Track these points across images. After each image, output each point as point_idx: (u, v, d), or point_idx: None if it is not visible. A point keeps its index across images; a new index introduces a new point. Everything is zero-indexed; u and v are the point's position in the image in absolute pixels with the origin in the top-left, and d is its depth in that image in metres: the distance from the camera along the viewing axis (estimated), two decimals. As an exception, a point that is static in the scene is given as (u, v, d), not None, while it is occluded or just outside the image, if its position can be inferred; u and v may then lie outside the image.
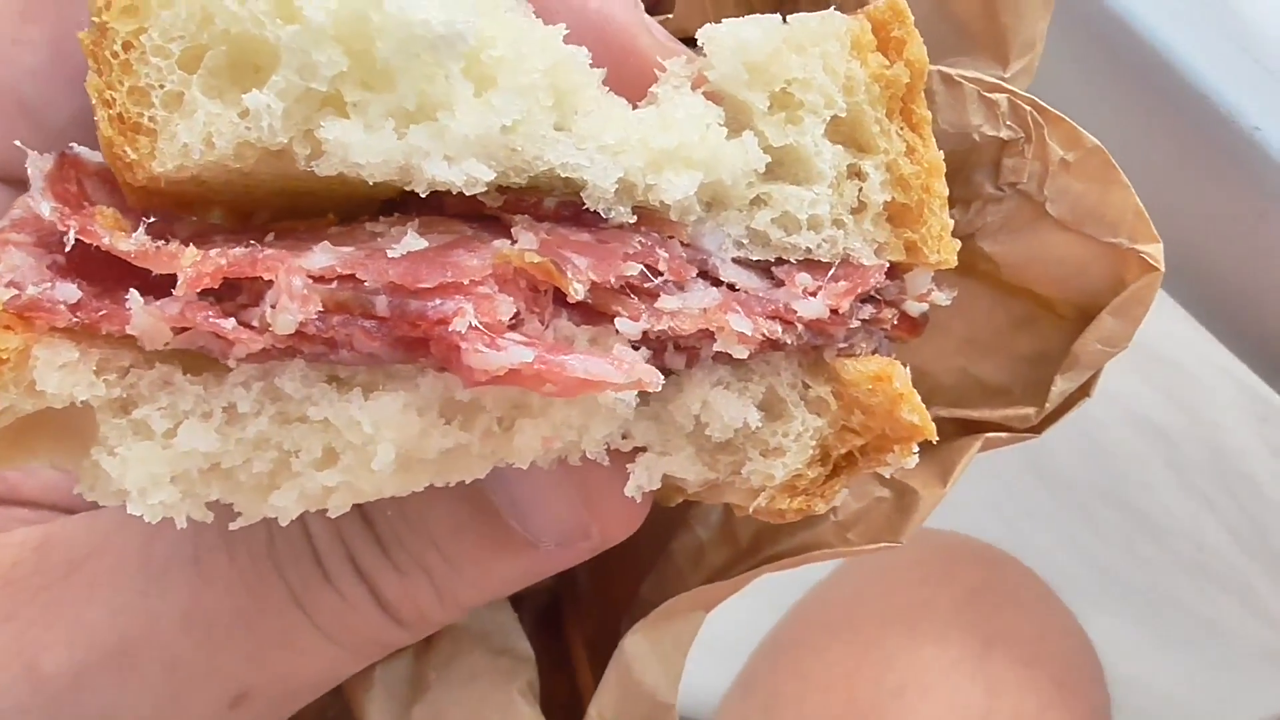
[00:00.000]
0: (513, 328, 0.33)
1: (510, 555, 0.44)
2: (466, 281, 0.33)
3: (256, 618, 0.44)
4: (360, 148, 0.33)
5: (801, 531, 0.50)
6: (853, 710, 0.82)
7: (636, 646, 0.49)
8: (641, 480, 0.39)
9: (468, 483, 0.38)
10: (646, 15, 0.41)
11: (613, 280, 0.34)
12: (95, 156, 0.37)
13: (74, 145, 0.36)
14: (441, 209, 0.37)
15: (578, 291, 0.33)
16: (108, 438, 0.34)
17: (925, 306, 0.42)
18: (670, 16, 0.45)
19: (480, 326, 0.32)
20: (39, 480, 0.47)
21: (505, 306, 0.32)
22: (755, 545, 0.52)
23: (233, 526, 0.37)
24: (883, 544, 0.48)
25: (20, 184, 0.44)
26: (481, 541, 0.44)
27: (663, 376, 0.34)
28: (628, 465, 0.39)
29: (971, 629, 0.84)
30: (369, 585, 0.44)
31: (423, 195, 0.34)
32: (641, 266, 0.35)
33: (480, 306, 0.32)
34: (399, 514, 0.43)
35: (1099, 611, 0.93)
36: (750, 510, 0.40)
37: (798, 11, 0.44)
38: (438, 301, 0.32)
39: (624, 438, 0.39)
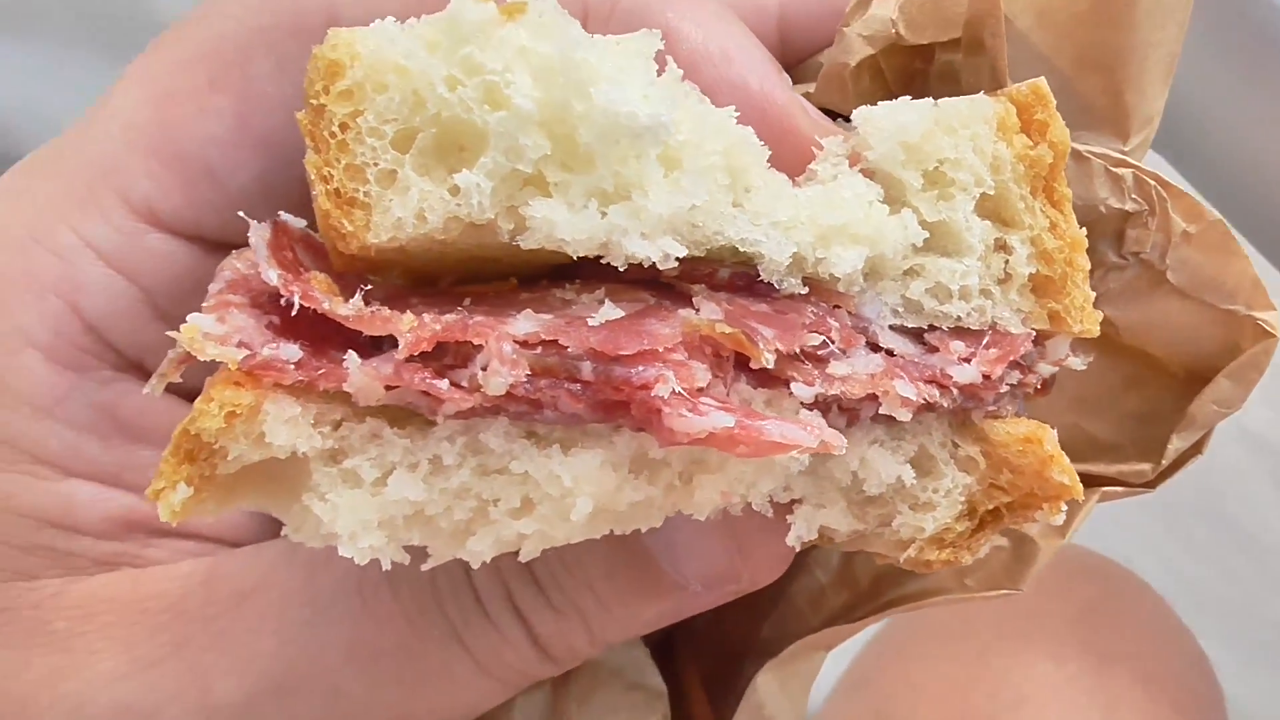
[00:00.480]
0: (701, 392, 0.36)
1: (658, 597, 0.47)
2: (661, 349, 0.36)
3: (418, 650, 0.46)
4: (566, 226, 0.36)
5: (922, 577, 0.53)
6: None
7: (768, 685, 0.51)
8: (801, 531, 0.41)
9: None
10: (799, 95, 0.44)
11: (797, 350, 0.37)
12: (298, 223, 0.40)
13: (282, 214, 0.39)
14: (616, 275, 0.40)
15: (768, 361, 0.36)
16: (320, 485, 0.37)
17: (1055, 369, 0.45)
18: (811, 91, 0.48)
19: (682, 392, 0.35)
20: None
21: (702, 374, 0.35)
22: (875, 589, 0.54)
23: (424, 567, 0.39)
24: (1002, 591, 0.50)
25: (200, 242, 0.47)
26: (632, 584, 0.46)
27: (845, 440, 0.36)
28: (787, 517, 0.42)
29: (1088, 645, 0.84)
30: (525, 623, 0.46)
31: (621, 269, 0.37)
32: (823, 337, 0.37)
33: (680, 373, 0.35)
34: (556, 556, 0.46)
35: (1195, 631, 0.92)
36: (901, 561, 0.42)
37: (929, 88, 0.47)
38: (640, 368, 0.35)
39: (784, 490, 0.41)
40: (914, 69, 0.48)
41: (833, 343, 0.38)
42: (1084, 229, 0.42)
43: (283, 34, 0.44)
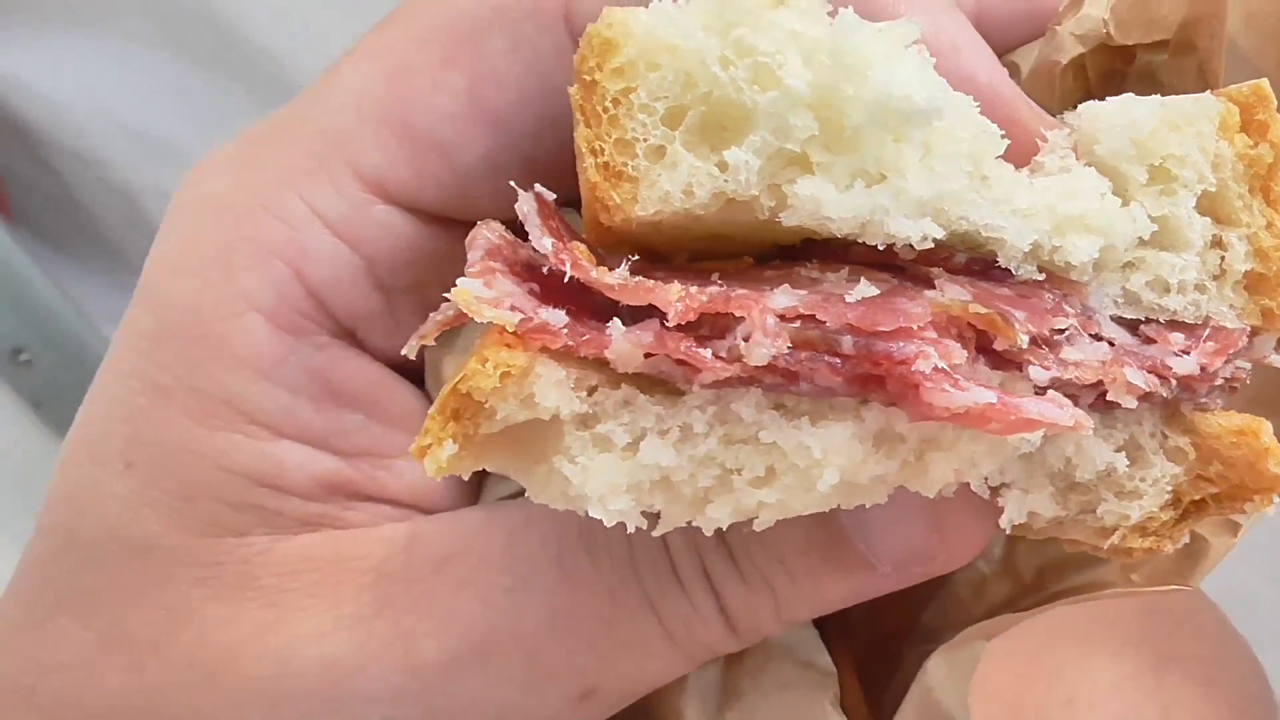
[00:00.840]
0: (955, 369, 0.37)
1: (847, 575, 0.48)
2: (915, 327, 0.37)
3: (613, 618, 0.47)
4: (834, 204, 0.37)
5: (1086, 570, 0.54)
6: (1018, 717, 0.82)
7: (938, 669, 0.52)
8: (1013, 514, 0.43)
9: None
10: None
11: (1047, 332, 0.38)
12: (550, 195, 0.41)
13: (538, 186, 0.40)
14: (846, 257, 0.41)
15: (1023, 342, 0.37)
16: (570, 448, 0.38)
17: (1250, 367, 0.46)
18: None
19: (945, 368, 0.36)
20: (404, 481, 0.51)
21: (958, 351, 0.37)
22: (1039, 581, 0.55)
23: (655, 533, 0.41)
24: (1172, 586, 0.51)
25: (421, 214, 0.48)
26: (824, 561, 0.47)
27: (1093, 421, 0.37)
28: (998, 500, 0.43)
29: (1145, 646, 0.84)
30: (716, 594, 0.47)
31: (880, 248, 0.38)
32: (1068, 322, 0.39)
33: (939, 351, 0.36)
34: (751, 530, 0.47)
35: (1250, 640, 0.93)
36: (1104, 548, 0.43)
37: (1127, 88, 0.48)
38: (900, 344, 0.36)
39: (998, 473, 0.42)
40: (1114, 69, 0.49)
41: (1074, 328, 0.39)
42: None
43: (520, 13, 0.45)
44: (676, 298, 0.37)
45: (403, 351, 0.40)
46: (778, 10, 0.37)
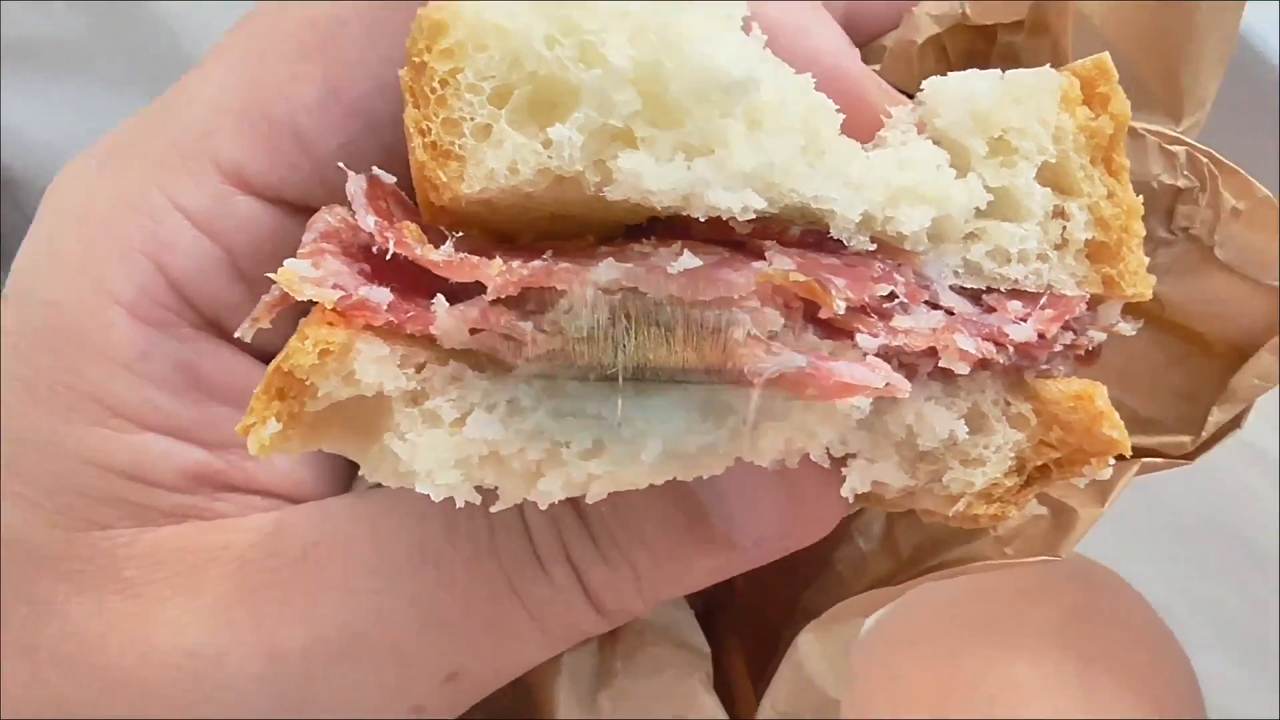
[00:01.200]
0: (773, 337, 0.37)
1: (709, 553, 0.48)
2: (736, 296, 0.37)
3: (474, 602, 0.47)
4: (653, 176, 0.37)
5: (961, 544, 0.54)
6: (941, 715, 0.83)
7: (809, 646, 0.52)
8: (855, 484, 0.43)
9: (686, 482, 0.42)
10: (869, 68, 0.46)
11: (866, 300, 0.38)
12: (389, 178, 0.41)
13: (375, 169, 0.41)
14: (688, 234, 0.42)
15: (839, 308, 0.37)
16: (400, 425, 0.39)
17: (1104, 336, 0.46)
18: (878, 69, 0.50)
19: (757, 335, 0.36)
20: (273, 471, 0.51)
21: (775, 319, 0.37)
22: (916, 557, 0.55)
23: (493, 509, 0.41)
24: (1041, 557, 0.52)
25: (283, 205, 0.48)
26: (685, 539, 0.47)
27: (910, 384, 0.38)
28: (841, 470, 0.43)
29: (1069, 648, 0.85)
30: (578, 575, 0.47)
31: (702, 220, 0.38)
32: (890, 288, 0.39)
33: (755, 318, 0.36)
34: (611, 510, 0.47)
35: (1203, 648, 0.93)
36: (950, 515, 0.44)
37: (988, 66, 0.49)
38: (716, 312, 0.36)
39: (840, 444, 0.43)
40: (976, 49, 0.50)
41: (899, 295, 0.39)
42: (1140, 198, 0.43)
43: (374, 3, 0.45)
44: (496, 273, 0.37)
45: (235, 334, 0.40)
46: None
